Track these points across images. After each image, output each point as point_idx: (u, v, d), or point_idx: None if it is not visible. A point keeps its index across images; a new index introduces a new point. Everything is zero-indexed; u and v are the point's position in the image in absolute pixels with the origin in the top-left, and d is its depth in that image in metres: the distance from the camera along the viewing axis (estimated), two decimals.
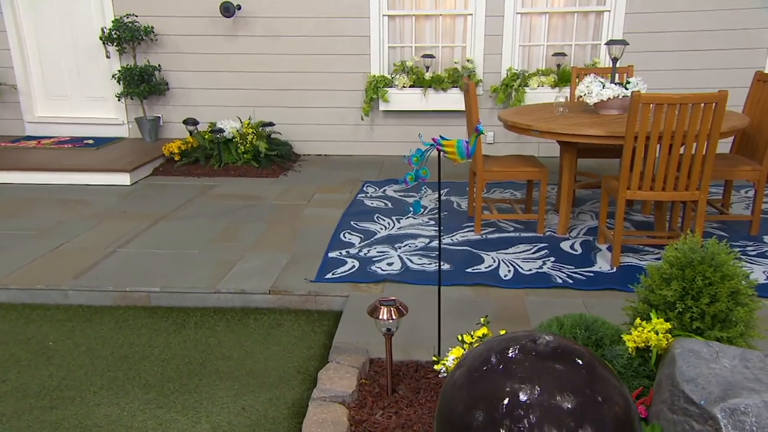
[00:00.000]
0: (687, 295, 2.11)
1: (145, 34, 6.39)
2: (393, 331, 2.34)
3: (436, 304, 3.11)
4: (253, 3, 6.36)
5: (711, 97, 3.22)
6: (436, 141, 2.37)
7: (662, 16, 6.02)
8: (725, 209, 4.32)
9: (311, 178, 5.80)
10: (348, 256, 3.78)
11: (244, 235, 4.26)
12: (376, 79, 6.29)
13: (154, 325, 3.24)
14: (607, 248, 3.86)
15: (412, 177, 2.40)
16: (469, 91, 4.00)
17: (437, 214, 4.61)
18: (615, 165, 5.84)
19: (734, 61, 5.98)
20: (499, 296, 3.27)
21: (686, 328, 2.10)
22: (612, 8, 6.10)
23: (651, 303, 2.20)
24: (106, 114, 6.89)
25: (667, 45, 6.06)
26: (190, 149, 6.25)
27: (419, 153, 2.41)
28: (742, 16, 5.93)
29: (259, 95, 6.61)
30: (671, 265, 2.18)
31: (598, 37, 6.29)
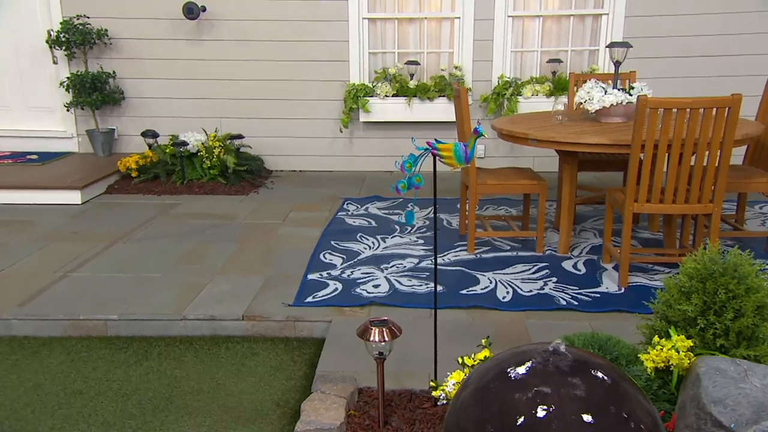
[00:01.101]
0: (709, 310, 2.13)
1: (98, 37, 6.37)
2: (386, 354, 2.32)
3: (429, 329, 3.10)
4: (220, 4, 6.39)
5: (724, 101, 3.29)
6: (431, 145, 2.38)
7: (664, 19, 6.17)
8: (739, 225, 4.39)
9: (285, 195, 5.79)
10: (330, 278, 3.76)
11: (212, 256, 4.22)
12: (356, 88, 6.32)
13: (112, 357, 3.17)
14: (613, 267, 3.89)
15: (404, 185, 2.40)
16: (460, 97, 4.05)
17: (426, 232, 4.62)
18: (617, 179, 5.92)
19: (741, 67, 6.14)
20: (498, 319, 3.27)
21: (709, 346, 2.11)
22: (610, 11, 6.25)
23: (669, 319, 2.22)
24: (52, 126, 6.82)
25: (670, 50, 6.21)
26: (149, 164, 6.20)
27: (412, 158, 2.41)
28: (749, 20, 6.11)
29: (226, 105, 6.60)
30: (690, 277, 2.20)
31: (595, 42, 6.42)
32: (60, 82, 6.47)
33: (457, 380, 2.15)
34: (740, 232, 4.25)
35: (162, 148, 6.29)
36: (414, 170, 2.41)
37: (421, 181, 2.40)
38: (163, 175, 6.12)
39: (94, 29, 6.35)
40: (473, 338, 3.05)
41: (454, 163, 2.35)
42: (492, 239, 4.43)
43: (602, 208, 5.13)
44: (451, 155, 2.34)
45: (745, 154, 4.40)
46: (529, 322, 3.23)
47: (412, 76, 6.39)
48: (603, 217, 4.91)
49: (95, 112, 6.55)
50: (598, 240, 4.42)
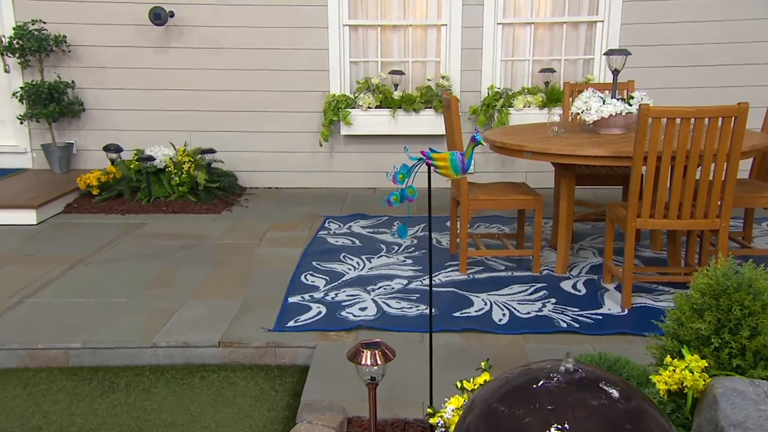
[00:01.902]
0: (723, 328, 2.15)
1: (56, 44, 6.34)
2: (378, 380, 2.31)
3: (421, 354, 3.09)
4: (189, 9, 6.41)
5: (730, 110, 3.36)
6: (425, 154, 2.40)
7: (663, 27, 6.31)
8: (747, 242, 4.46)
9: (261, 213, 5.78)
10: (312, 301, 3.75)
11: (183, 279, 4.20)
12: (337, 99, 6.36)
13: (75, 389, 3.12)
14: (615, 288, 3.93)
15: (396, 198, 2.41)
16: (451, 107, 4.08)
17: (415, 252, 4.64)
18: (615, 194, 5.98)
19: (744, 77, 6.28)
20: (494, 343, 3.28)
21: (724, 366, 2.13)
22: (605, 18, 6.37)
23: (681, 339, 2.24)
24: (3, 140, 6.75)
25: (669, 59, 6.33)
26: (111, 181, 6.16)
27: (405, 169, 2.43)
28: (752, 28, 6.26)
29: (196, 117, 6.60)
30: (702, 293, 2.22)
31: (590, 51, 6.53)
32: (12, 92, 6.42)
33: (457, 406, 2.14)
34: (748, 249, 4.32)
35: (126, 163, 6.26)
36: (407, 182, 2.42)
37: (414, 194, 2.41)
38: (127, 192, 6.07)
39: (51, 35, 6.32)
40: (469, 363, 3.04)
41: (450, 174, 2.37)
42: (485, 258, 4.45)
43: (601, 226, 5.19)
44: (447, 165, 2.36)
45: (752, 168, 4.49)
46: (528, 346, 3.24)
47: (397, 86, 6.45)
48: (602, 235, 4.96)
49: (52, 125, 6.50)
50: (598, 259, 4.46)
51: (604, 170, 4.97)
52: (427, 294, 3.85)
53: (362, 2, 6.52)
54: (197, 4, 6.41)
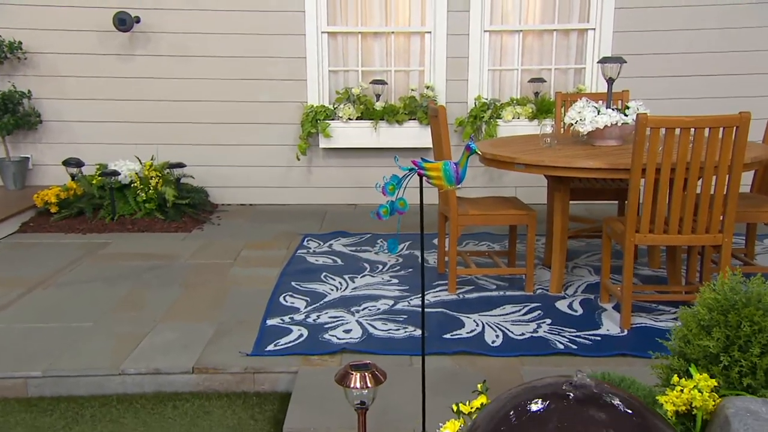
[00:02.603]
0: (732, 346, 2.18)
1: (10, 50, 6.31)
2: (368, 404, 2.31)
3: (410, 378, 3.10)
4: (157, 14, 6.42)
5: (731, 119, 3.43)
6: (416, 164, 2.42)
7: (657, 35, 6.43)
8: (749, 259, 4.52)
9: (235, 232, 5.78)
10: (293, 324, 3.75)
11: (152, 302, 4.18)
12: (315, 110, 6.39)
13: (35, 422, 3.08)
14: (613, 307, 3.97)
15: (386, 210, 2.43)
16: (439, 117, 4.12)
17: (400, 270, 4.65)
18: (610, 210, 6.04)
19: (743, 87, 6.40)
20: (488, 366, 3.29)
21: (734, 386, 2.15)
22: (597, 26, 6.48)
23: (688, 357, 2.26)
24: None
25: (664, 69, 6.45)
26: (72, 198, 6.12)
27: (395, 180, 2.44)
28: (751, 36, 6.40)
29: (164, 130, 6.58)
30: (710, 309, 2.25)
31: (581, 60, 6.63)
32: None
33: (453, 431, 2.14)
34: (751, 267, 4.38)
35: (88, 179, 6.22)
36: (397, 193, 2.43)
37: (405, 206, 2.43)
38: (89, 210, 6.04)
39: (5, 42, 6.29)
40: (462, 387, 3.04)
41: (444, 185, 2.39)
42: (475, 277, 4.48)
43: (596, 243, 5.24)
44: (440, 175, 2.38)
45: (753, 181, 4.57)
46: (524, 369, 3.25)
47: (379, 96, 6.49)
48: (597, 253, 5.01)
49: (5, 138, 6.45)
50: (594, 277, 4.50)
51: (599, 184, 5.03)
52: (415, 315, 3.86)
53: (341, 8, 6.58)
54: (165, 9, 6.42)
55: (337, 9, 6.57)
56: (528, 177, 6.30)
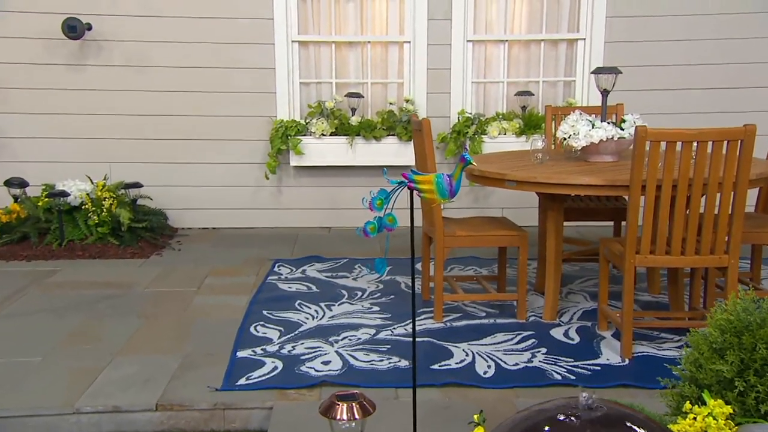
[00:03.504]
0: (748, 370, 2.22)
1: None
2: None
3: (396, 413, 3.11)
4: (110, 21, 6.41)
5: (735, 132, 3.50)
6: (406, 177, 2.44)
7: (651, 46, 6.57)
8: (756, 283, 4.60)
9: (198, 257, 5.77)
10: (266, 355, 3.74)
11: (109, 334, 4.15)
12: (285, 126, 6.41)
13: None
14: (612, 335, 4.01)
15: (374, 227, 2.44)
16: (423, 130, 4.16)
17: (381, 297, 4.67)
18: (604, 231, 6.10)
19: (742, 101, 6.54)
20: (480, 398, 3.29)
21: (751, 413, 2.19)
22: (587, 36, 6.60)
23: (700, 383, 2.29)
24: None
25: (659, 82, 6.58)
26: (14, 222, 6.07)
27: (383, 194, 2.46)
28: (753, 47, 6.56)
29: (118, 147, 6.56)
30: (722, 331, 2.29)
31: (571, 72, 6.75)
32: None
33: None
34: (758, 292, 4.42)
35: (33, 201, 6.16)
36: (386, 208, 2.45)
37: (395, 222, 2.45)
38: (34, 235, 5.98)
39: None
40: (453, 421, 3.06)
41: (436, 198, 2.41)
42: (462, 304, 4.50)
43: (590, 267, 5.30)
44: (432, 188, 2.40)
45: (758, 200, 4.66)
46: (519, 401, 3.26)
47: (354, 111, 6.53)
48: (592, 277, 5.06)
49: None
50: (590, 303, 4.55)
51: (593, 203, 5.10)
52: (399, 345, 3.87)
53: (314, 16, 6.64)
54: (120, 15, 6.41)
55: (309, 16, 6.63)
56: (516, 197, 6.39)
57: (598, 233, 6.12)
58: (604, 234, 5.87)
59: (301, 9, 6.56)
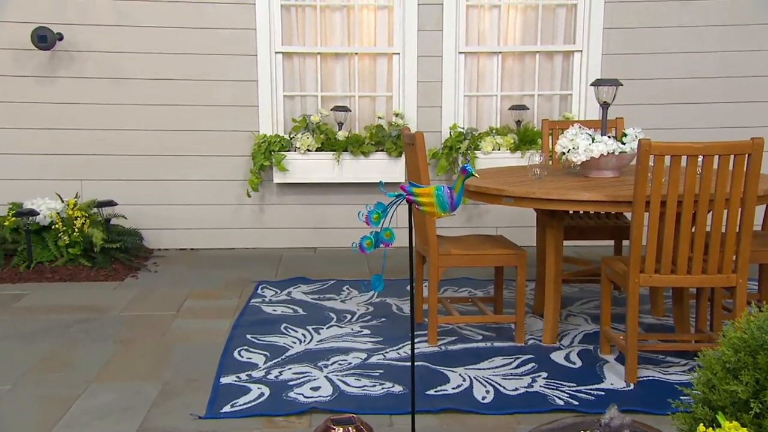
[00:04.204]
0: (764, 390, 2.23)
1: None
2: None
3: None
4: (83, 31, 6.43)
5: (743, 146, 3.55)
6: (405, 189, 2.46)
7: (651, 58, 6.65)
8: (764, 304, 4.62)
9: (176, 280, 5.76)
10: (251, 381, 3.72)
11: (83, 360, 4.12)
12: (268, 141, 6.43)
13: None
14: (616, 359, 4.02)
15: (370, 242, 2.46)
16: (416, 144, 4.17)
17: (372, 320, 4.67)
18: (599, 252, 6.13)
19: (745, 116, 6.63)
20: (479, 426, 3.30)
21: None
22: (584, 48, 6.68)
23: (714, 404, 2.30)
24: None
25: (659, 95, 6.66)
26: None
27: (381, 208, 2.48)
28: (757, 60, 6.66)
29: (90, 163, 6.55)
30: (736, 350, 2.31)
31: (567, 85, 6.82)
32: None
33: None
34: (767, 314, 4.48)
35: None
36: (383, 223, 2.47)
37: (392, 237, 2.46)
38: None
39: None
40: None
41: (436, 212, 2.43)
42: (457, 327, 4.51)
43: (590, 288, 5.32)
44: (432, 201, 2.42)
45: (765, 218, 4.71)
46: (520, 428, 3.27)
47: (341, 125, 6.57)
48: (593, 299, 5.09)
49: None
50: (592, 326, 4.57)
51: (593, 221, 5.13)
52: (391, 369, 3.87)
53: (298, 26, 6.69)
54: (93, 25, 6.44)
55: (293, 26, 6.68)
56: (511, 216, 6.43)
57: (596, 253, 6.16)
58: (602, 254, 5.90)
59: (285, 19, 6.62)
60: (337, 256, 6.45)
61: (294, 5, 6.64)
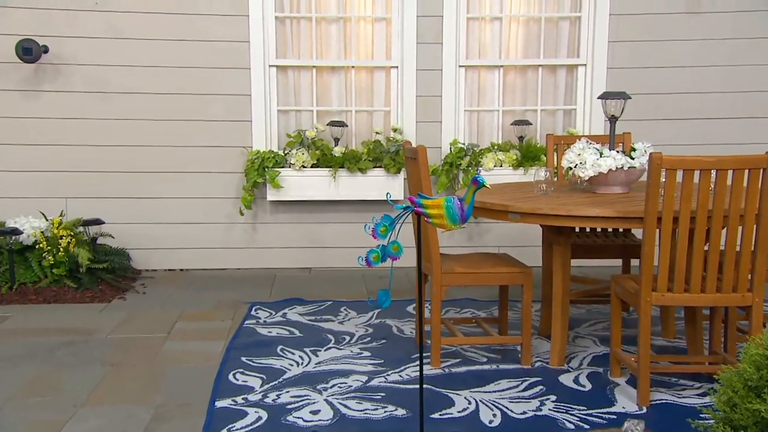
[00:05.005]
0: None
1: None
2: None
3: None
4: (70, 43, 6.45)
5: (758, 160, 3.57)
6: (413, 201, 2.47)
7: (657, 72, 6.70)
8: None
9: (166, 301, 5.76)
10: (248, 405, 3.72)
11: (70, 384, 4.10)
12: (262, 157, 6.44)
13: None
14: (627, 382, 4.03)
15: (377, 255, 2.47)
16: (418, 159, 4.19)
17: (371, 342, 4.68)
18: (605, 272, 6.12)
19: (758, 133, 6.66)
20: None
21: None
22: (588, 61, 6.73)
23: (736, 423, 2.31)
24: None
25: (666, 111, 6.71)
26: None
27: (388, 220, 2.49)
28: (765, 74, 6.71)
29: (76, 180, 6.55)
30: (758, 367, 2.32)
31: (571, 100, 6.86)
32: None
33: None
34: None
35: None
36: (390, 236, 2.48)
37: (399, 251, 2.47)
38: None
39: None
40: None
41: (446, 224, 2.45)
42: (461, 349, 4.51)
43: (597, 309, 5.34)
44: (441, 213, 2.44)
45: None
46: None
47: (338, 141, 6.59)
48: (601, 321, 5.10)
49: None
50: (600, 348, 4.57)
51: (600, 240, 5.15)
52: (394, 392, 3.87)
53: (293, 39, 6.73)
54: (80, 37, 6.46)
55: (288, 39, 6.72)
56: (514, 235, 6.45)
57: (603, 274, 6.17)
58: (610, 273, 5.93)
59: (279, 31, 6.66)
60: (333, 277, 6.45)
61: (289, 17, 6.68)
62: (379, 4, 6.75)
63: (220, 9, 6.50)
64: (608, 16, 6.68)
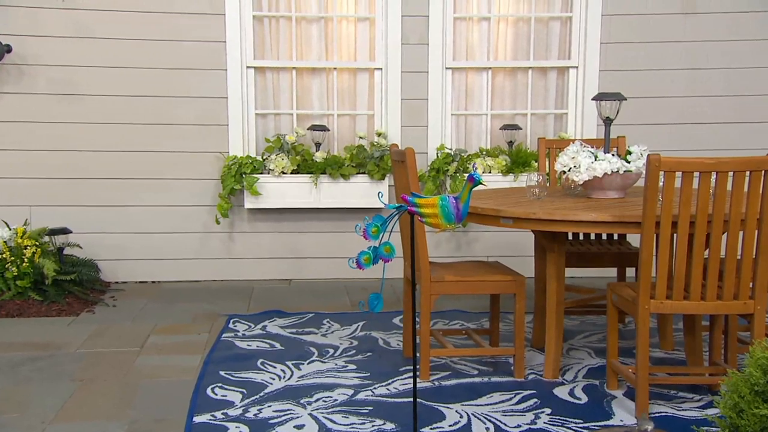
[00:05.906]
0: None
1: None
2: None
3: None
4: (34, 43, 6.44)
5: (759, 162, 3.62)
6: (407, 200, 2.49)
7: (651, 75, 6.78)
8: None
9: (138, 314, 5.74)
10: (228, 420, 3.70)
11: (37, 400, 4.07)
12: (239, 162, 6.44)
13: None
14: (624, 394, 4.06)
15: (368, 257, 2.48)
16: (406, 161, 4.21)
17: (357, 355, 4.69)
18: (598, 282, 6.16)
19: (755, 137, 6.73)
20: None
21: None
22: (580, 64, 6.80)
23: (742, 430, 2.34)
24: None
25: (660, 114, 6.78)
26: None
27: (379, 221, 2.50)
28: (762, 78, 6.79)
29: (41, 187, 6.53)
30: (765, 371, 2.35)
31: (562, 103, 6.92)
32: None
33: None
34: None
35: None
36: (382, 237, 2.49)
37: (392, 252, 2.49)
38: None
39: None
40: None
41: (441, 224, 2.47)
42: (451, 361, 4.53)
43: (592, 321, 5.37)
44: (436, 212, 2.46)
45: None
46: None
47: (319, 145, 6.61)
48: (595, 332, 5.13)
49: None
50: (596, 360, 4.60)
51: (594, 247, 5.19)
52: (381, 406, 3.87)
53: (272, 38, 6.76)
54: (45, 36, 6.45)
55: (266, 39, 6.75)
56: (503, 244, 6.48)
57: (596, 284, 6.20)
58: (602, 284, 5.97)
59: (257, 31, 6.69)
60: (314, 289, 6.46)
61: (267, 16, 6.72)
62: (362, 3, 6.79)
63: (195, 7, 6.52)
64: (600, 17, 6.75)
